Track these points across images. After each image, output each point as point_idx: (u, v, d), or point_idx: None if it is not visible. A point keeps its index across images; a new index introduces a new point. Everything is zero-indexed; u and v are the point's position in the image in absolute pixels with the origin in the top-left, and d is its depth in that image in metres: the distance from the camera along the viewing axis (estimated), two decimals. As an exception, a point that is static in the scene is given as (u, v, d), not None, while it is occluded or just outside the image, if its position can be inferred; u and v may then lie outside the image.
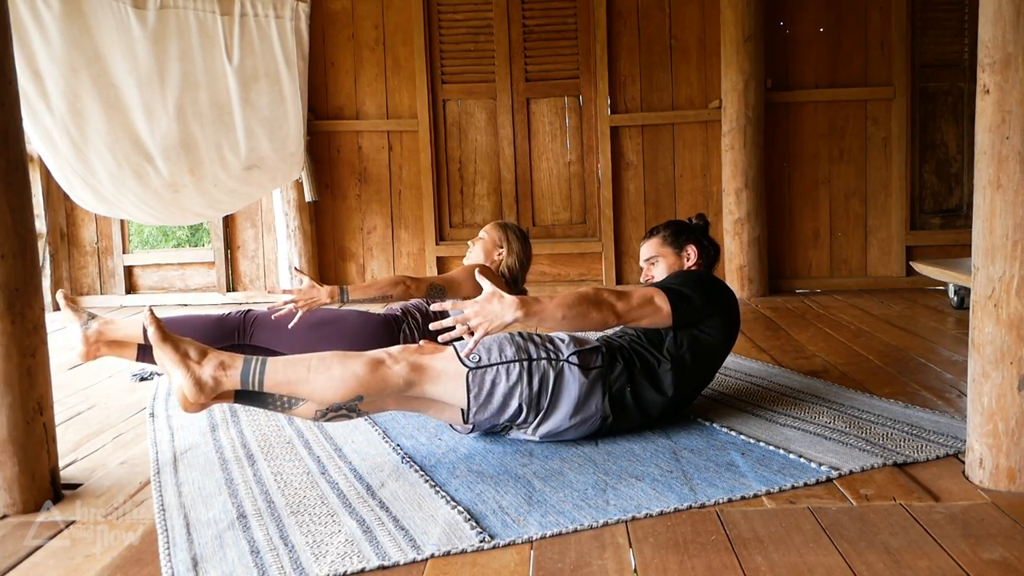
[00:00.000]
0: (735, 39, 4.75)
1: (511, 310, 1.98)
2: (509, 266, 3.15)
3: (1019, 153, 1.82)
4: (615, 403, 2.20)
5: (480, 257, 3.15)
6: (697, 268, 2.51)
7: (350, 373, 1.98)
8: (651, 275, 2.53)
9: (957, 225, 5.00)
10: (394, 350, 2.08)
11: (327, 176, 5.18)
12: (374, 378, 2.00)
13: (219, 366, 1.93)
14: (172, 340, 1.93)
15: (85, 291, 5.33)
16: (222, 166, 4.13)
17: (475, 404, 2.12)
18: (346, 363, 2.00)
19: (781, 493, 1.91)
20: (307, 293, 2.71)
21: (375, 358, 2.03)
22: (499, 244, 3.16)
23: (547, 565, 1.60)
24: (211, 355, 1.95)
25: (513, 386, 2.12)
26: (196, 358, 1.93)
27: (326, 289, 2.70)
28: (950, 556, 1.58)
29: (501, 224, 3.24)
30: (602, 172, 5.09)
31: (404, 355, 2.06)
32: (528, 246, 3.22)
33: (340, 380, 1.98)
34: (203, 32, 3.96)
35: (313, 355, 2.02)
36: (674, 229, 2.57)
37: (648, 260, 2.56)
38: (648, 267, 2.56)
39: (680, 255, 2.53)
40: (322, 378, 1.97)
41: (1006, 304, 1.86)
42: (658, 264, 2.53)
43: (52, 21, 3.52)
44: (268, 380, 1.95)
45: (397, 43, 5.11)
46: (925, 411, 2.51)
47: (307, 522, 1.81)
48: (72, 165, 3.83)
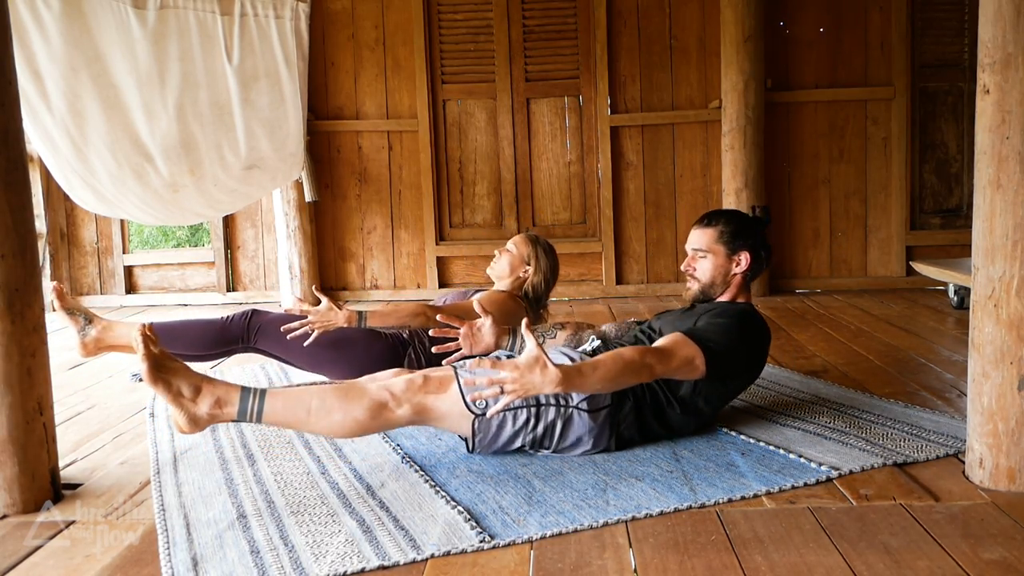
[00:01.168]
0: (735, 39, 4.75)
1: (551, 385, 1.81)
2: (534, 284, 3.01)
3: (1019, 153, 1.82)
4: (621, 439, 2.19)
5: (505, 271, 3.03)
6: (742, 277, 2.37)
7: (351, 419, 1.95)
8: (694, 267, 2.38)
9: (957, 225, 5.00)
10: (397, 389, 2.00)
11: (327, 176, 5.18)
12: (376, 423, 1.98)
13: (215, 404, 1.88)
14: (163, 380, 1.85)
15: (85, 291, 5.33)
16: (222, 166, 4.13)
17: (479, 444, 2.13)
18: (348, 407, 1.94)
19: (781, 493, 1.91)
20: (324, 316, 2.60)
21: (378, 401, 1.97)
22: (526, 261, 3.02)
23: (547, 565, 1.60)
24: (205, 392, 1.88)
25: (519, 430, 2.12)
26: (190, 396, 1.87)
27: (344, 313, 2.59)
28: (950, 556, 1.58)
29: (531, 238, 3.08)
30: (602, 172, 5.09)
31: (408, 395, 2.00)
32: (556, 264, 3.08)
33: (340, 425, 1.95)
34: (203, 32, 3.96)
35: (313, 394, 1.96)
36: (734, 228, 2.36)
37: (697, 251, 2.38)
38: (694, 256, 2.39)
39: (731, 259, 2.35)
40: (322, 422, 1.94)
41: (1006, 304, 1.86)
42: (706, 260, 2.36)
43: (52, 21, 3.52)
44: (266, 418, 1.92)
45: (397, 43, 5.11)
46: (925, 411, 2.51)
47: (307, 522, 1.81)
48: (72, 165, 3.83)
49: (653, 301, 4.91)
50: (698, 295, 2.39)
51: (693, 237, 2.41)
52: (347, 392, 1.97)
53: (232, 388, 1.91)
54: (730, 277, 2.37)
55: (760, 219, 2.44)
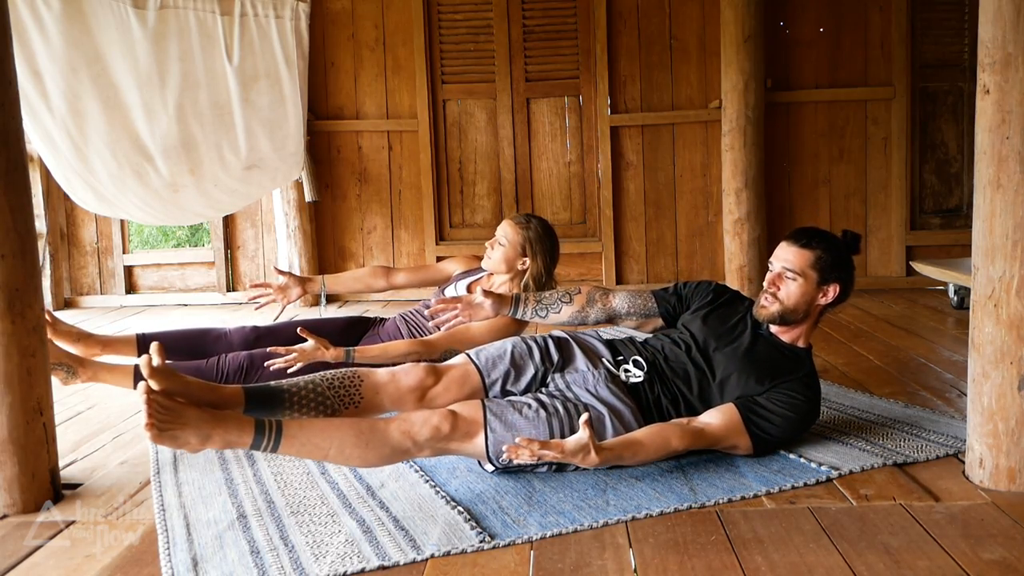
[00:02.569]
0: (735, 39, 4.75)
1: (590, 466, 1.87)
2: (534, 275, 2.85)
3: (1019, 153, 1.82)
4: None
5: (502, 266, 2.87)
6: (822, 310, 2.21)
7: (369, 463, 1.87)
8: (778, 288, 2.17)
9: (957, 225, 5.00)
10: (422, 436, 1.87)
11: (327, 176, 5.17)
12: (394, 462, 1.94)
13: (225, 445, 1.74)
14: (170, 437, 1.68)
15: (85, 291, 5.33)
16: (222, 166, 4.13)
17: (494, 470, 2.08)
18: (366, 454, 1.83)
19: (781, 493, 1.91)
20: (311, 355, 2.42)
21: (400, 449, 1.86)
22: (522, 252, 2.85)
23: (547, 565, 1.60)
24: (215, 438, 1.72)
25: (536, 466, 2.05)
26: (198, 444, 1.71)
27: (332, 352, 2.42)
28: (950, 556, 1.58)
29: (522, 224, 2.87)
30: (602, 172, 5.09)
31: (431, 443, 1.89)
32: (555, 244, 2.90)
33: (359, 465, 1.91)
34: (203, 32, 3.96)
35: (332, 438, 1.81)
36: (834, 256, 2.16)
37: (788, 270, 2.16)
38: (782, 274, 2.17)
39: (820, 288, 2.16)
40: (339, 459, 1.84)
41: (1006, 304, 1.86)
42: (795, 283, 2.15)
43: (52, 21, 3.52)
44: (282, 451, 1.80)
45: (397, 43, 5.11)
46: (925, 411, 2.51)
47: (307, 522, 1.81)
48: (72, 165, 3.83)
49: (653, 301, 4.91)
50: (775, 317, 2.17)
51: (786, 254, 2.19)
52: (369, 438, 1.83)
53: (245, 428, 1.74)
54: (813, 307, 2.18)
55: (851, 245, 2.23)
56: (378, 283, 3.23)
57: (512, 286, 2.90)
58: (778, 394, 2.10)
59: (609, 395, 2.10)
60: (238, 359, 2.65)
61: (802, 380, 2.14)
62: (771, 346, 2.20)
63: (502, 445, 1.90)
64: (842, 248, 2.20)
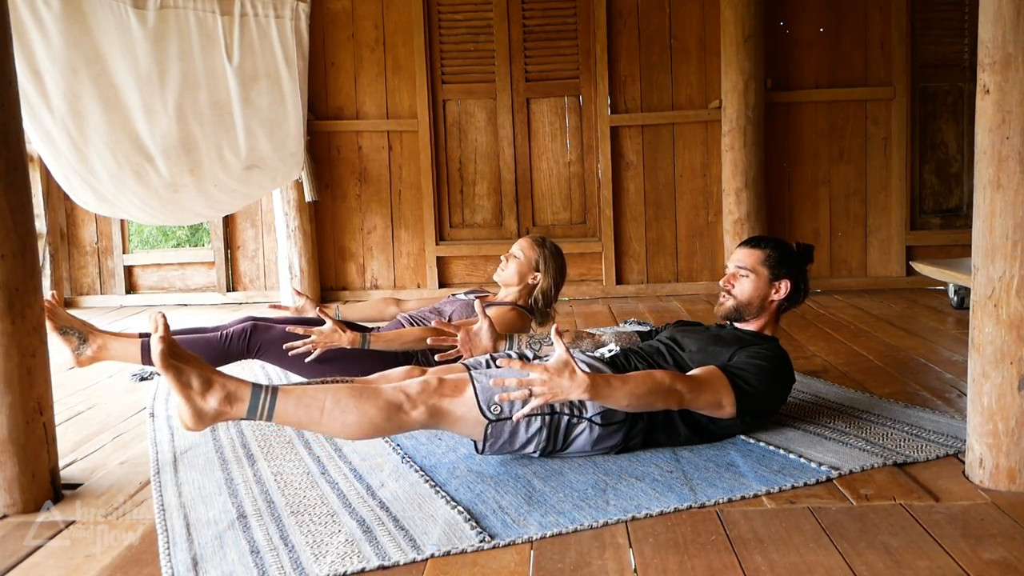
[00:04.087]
0: (735, 39, 4.75)
1: (579, 390, 1.85)
2: (543, 291, 2.99)
3: (1019, 153, 1.82)
4: (626, 449, 2.19)
5: (514, 279, 3.01)
6: (777, 306, 2.40)
7: (366, 420, 1.90)
8: (732, 285, 2.39)
9: (957, 225, 5.00)
10: (412, 390, 1.96)
11: (327, 176, 5.18)
12: (390, 424, 1.94)
13: (224, 400, 1.81)
14: (175, 367, 1.78)
15: (85, 291, 5.33)
16: (222, 166, 4.13)
17: (490, 447, 2.10)
18: (362, 407, 1.90)
19: (781, 493, 1.91)
20: (328, 337, 2.55)
21: (393, 402, 1.93)
22: (535, 267, 3.00)
23: (547, 565, 1.60)
24: (216, 386, 1.81)
25: (532, 437, 2.10)
26: (199, 389, 1.79)
27: (348, 335, 2.54)
28: (950, 556, 1.58)
29: (539, 241, 3.04)
30: (602, 172, 5.09)
31: (423, 397, 1.96)
32: (564, 266, 3.06)
33: (355, 425, 1.91)
34: (203, 32, 3.96)
35: (328, 393, 1.90)
36: (781, 254, 2.39)
37: (740, 268, 2.39)
38: (736, 273, 2.40)
39: (772, 284, 2.37)
40: (336, 423, 1.89)
41: (1006, 304, 1.86)
42: (747, 280, 2.37)
43: (52, 21, 3.52)
44: (277, 417, 1.86)
45: (397, 43, 5.11)
46: (925, 411, 2.51)
47: (307, 522, 1.81)
48: (72, 165, 3.83)
49: (653, 301, 4.91)
50: (731, 312, 2.39)
51: (738, 255, 2.43)
52: (362, 392, 1.93)
53: (243, 384, 1.84)
54: (767, 303, 2.38)
55: (804, 254, 2.43)
56: (389, 310, 3.38)
57: (518, 297, 3.02)
58: (746, 353, 2.24)
59: (587, 358, 2.27)
60: (241, 326, 2.82)
61: (768, 346, 2.31)
62: (735, 331, 2.41)
63: (492, 394, 2.00)
64: (791, 250, 2.43)
